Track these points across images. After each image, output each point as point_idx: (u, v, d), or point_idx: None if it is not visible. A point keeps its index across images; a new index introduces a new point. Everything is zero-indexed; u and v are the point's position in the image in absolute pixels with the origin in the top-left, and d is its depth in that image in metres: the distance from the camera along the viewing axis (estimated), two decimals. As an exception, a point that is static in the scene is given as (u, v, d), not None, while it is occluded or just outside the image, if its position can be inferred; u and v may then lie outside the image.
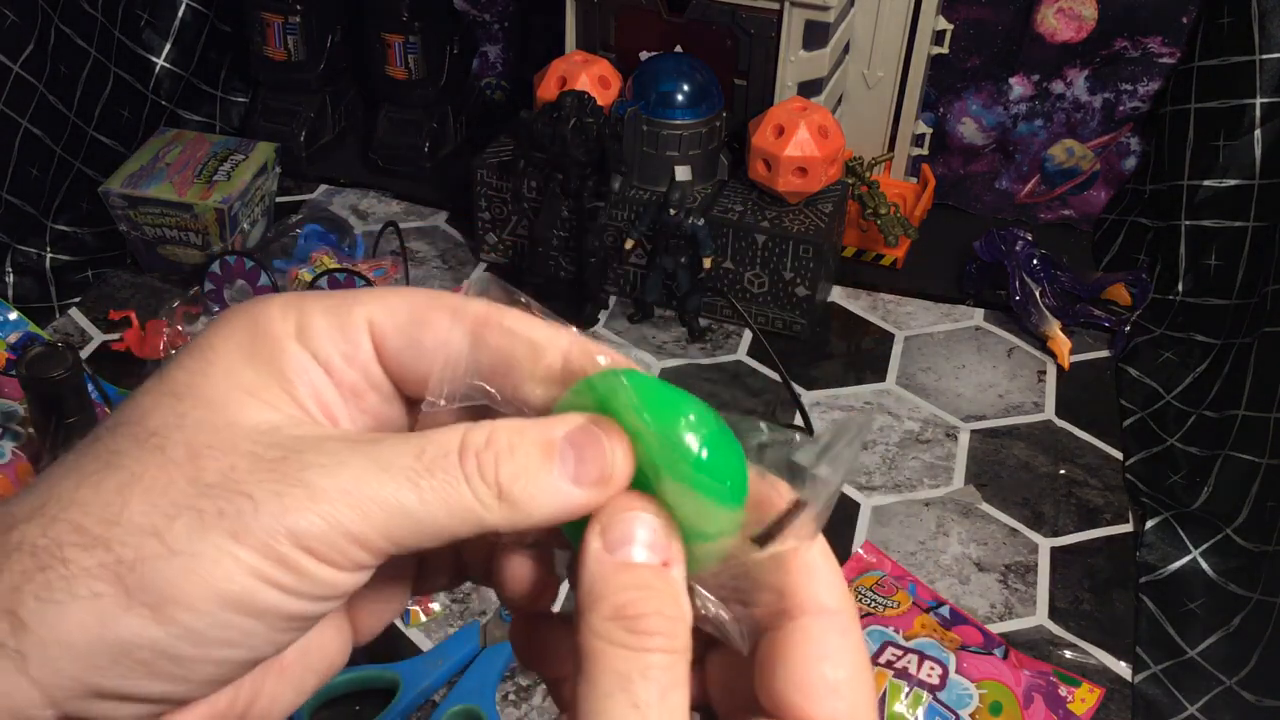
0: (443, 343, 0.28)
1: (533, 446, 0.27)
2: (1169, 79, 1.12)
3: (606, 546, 0.27)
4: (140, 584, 0.24)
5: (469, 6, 1.31)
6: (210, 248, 1.05)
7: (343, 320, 0.28)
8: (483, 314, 0.28)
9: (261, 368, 0.27)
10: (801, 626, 0.27)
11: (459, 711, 0.72)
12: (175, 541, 0.24)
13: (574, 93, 0.99)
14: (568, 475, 0.27)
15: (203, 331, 0.28)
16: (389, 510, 0.25)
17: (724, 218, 1.02)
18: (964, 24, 1.14)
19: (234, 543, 0.24)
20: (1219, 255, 1.02)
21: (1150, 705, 0.76)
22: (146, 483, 0.25)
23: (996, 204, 1.24)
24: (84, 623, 0.24)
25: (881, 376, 1.02)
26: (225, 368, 0.27)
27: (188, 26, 1.23)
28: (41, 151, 1.03)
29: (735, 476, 0.27)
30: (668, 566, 0.27)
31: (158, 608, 0.24)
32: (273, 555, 0.25)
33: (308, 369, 0.28)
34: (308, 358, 0.28)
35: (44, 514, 0.25)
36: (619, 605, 0.26)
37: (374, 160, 1.25)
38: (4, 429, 0.82)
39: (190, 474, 0.25)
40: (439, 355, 0.28)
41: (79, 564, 0.24)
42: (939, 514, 0.89)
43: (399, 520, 0.26)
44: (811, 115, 0.99)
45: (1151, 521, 0.87)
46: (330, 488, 0.25)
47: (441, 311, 0.28)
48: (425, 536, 0.26)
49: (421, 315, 0.28)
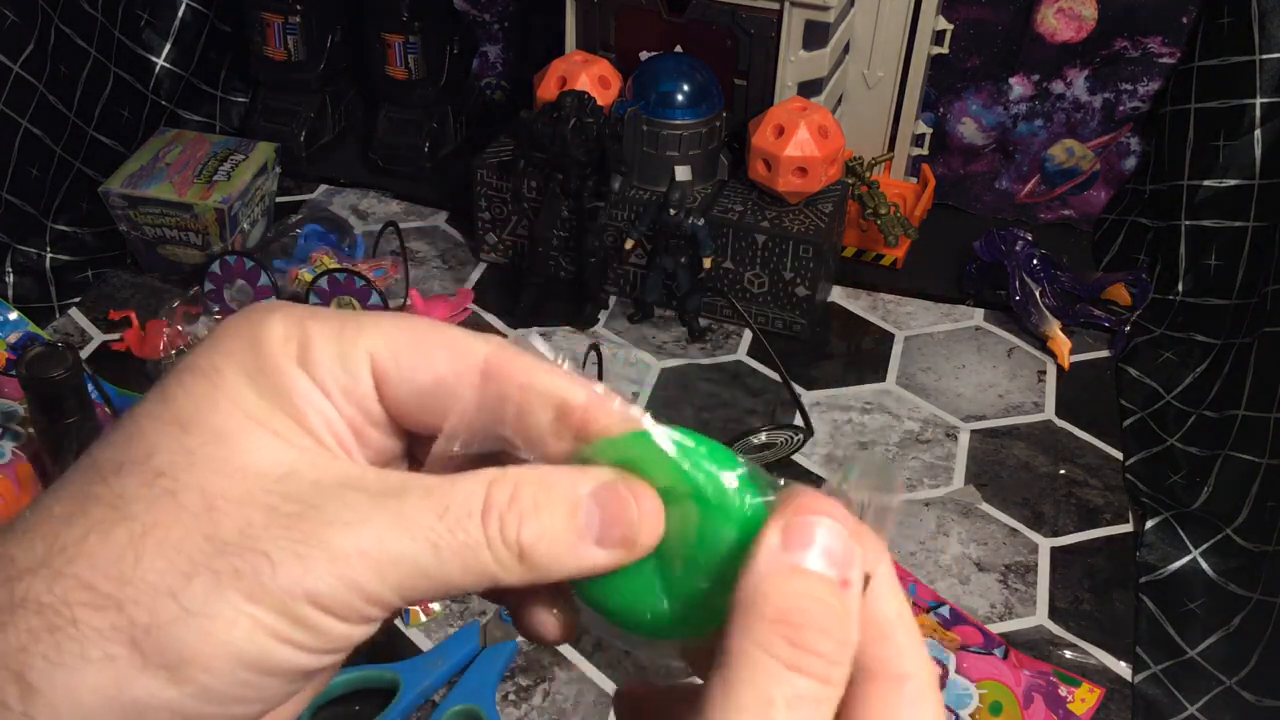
0: (444, 382, 0.27)
1: (559, 505, 0.26)
2: (1169, 79, 1.12)
3: (785, 545, 0.24)
4: (156, 647, 0.23)
5: (469, 6, 1.31)
6: (210, 248, 1.05)
7: (345, 350, 0.27)
8: (494, 359, 0.27)
9: (268, 394, 0.26)
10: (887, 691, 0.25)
11: (459, 711, 0.72)
12: (191, 603, 0.24)
13: (574, 93, 0.99)
14: (591, 536, 0.26)
15: (201, 348, 0.27)
16: (406, 571, 0.25)
17: (724, 218, 1.02)
18: (964, 24, 1.14)
19: (251, 604, 0.24)
20: (1219, 255, 1.02)
21: (1150, 705, 0.76)
22: (159, 536, 0.24)
23: (996, 204, 1.24)
24: (97, 686, 0.23)
25: (881, 376, 1.02)
26: (230, 394, 0.26)
27: (188, 26, 1.23)
28: (41, 151, 1.03)
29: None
30: (845, 587, 0.24)
31: (174, 669, 0.23)
32: (289, 615, 0.24)
33: (313, 397, 0.27)
34: (311, 385, 0.27)
35: (50, 567, 0.24)
36: (785, 610, 0.23)
37: (374, 160, 1.25)
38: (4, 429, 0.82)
39: (206, 529, 0.24)
40: (443, 396, 0.27)
41: (90, 624, 0.23)
42: (939, 514, 0.89)
43: (414, 580, 0.25)
44: (811, 115, 0.99)
45: (1151, 521, 0.87)
46: (350, 550, 0.24)
47: (444, 350, 0.27)
48: (437, 592, 0.26)
49: (425, 352, 0.27)
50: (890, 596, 0.25)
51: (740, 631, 0.23)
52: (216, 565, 0.24)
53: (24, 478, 0.81)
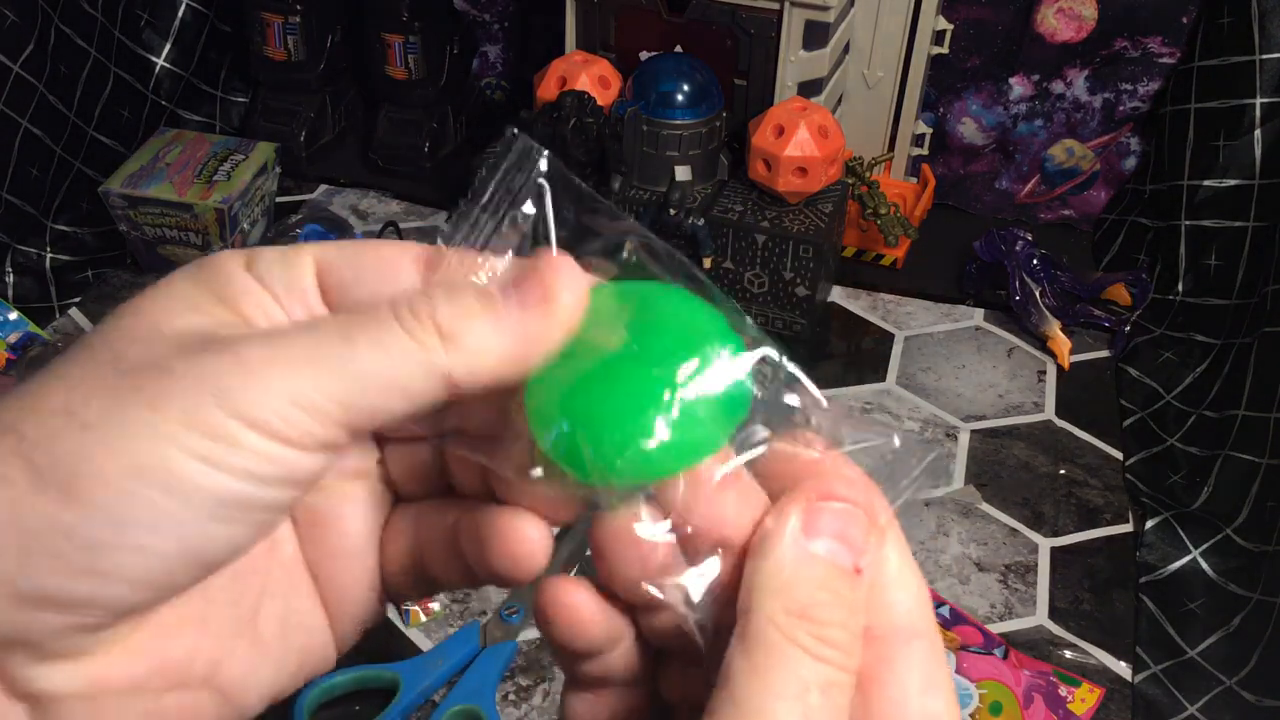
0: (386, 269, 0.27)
1: (467, 291, 0.26)
2: (1169, 79, 1.12)
3: (805, 530, 0.25)
4: (50, 462, 0.22)
5: (469, 6, 1.31)
6: (210, 248, 1.05)
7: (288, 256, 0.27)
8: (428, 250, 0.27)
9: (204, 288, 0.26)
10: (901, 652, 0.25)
11: (459, 711, 0.72)
12: (88, 417, 0.23)
13: (574, 93, 0.99)
14: (510, 303, 0.25)
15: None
16: (327, 368, 0.24)
17: (724, 218, 1.02)
18: (964, 24, 1.14)
19: (151, 412, 0.23)
20: (1219, 255, 1.02)
21: (1150, 705, 0.76)
22: (66, 377, 0.24)
23: (996, 204, 1.24)
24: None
25: (881, 376, 1.02)
26: (169, 290, 0.26)
27: (188, 26, 1.23)
28: (41, 151, 1.03)
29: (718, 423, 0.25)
30: (859, 574, 0.25)
31: (68, 487, 0.22)
32: (199, 425, 0.23)
33: (253, 291, 0.26)
34: (253, 282, 0.26)
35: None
36: (806, 605, 0.24)
37: (374, 160, 1.25)
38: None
39: (109, 360, 0.24)
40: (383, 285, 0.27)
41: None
42: (939, 514, 0.89)
43: (341, 379, 0.24)
44: (811, 115, 0.99)
45: (1151, 521, 0.87)
46: (260, 354, 0.23)
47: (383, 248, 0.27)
48: (378, 396, 0.24)
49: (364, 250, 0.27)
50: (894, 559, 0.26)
51: (764, 616, 0.24)
52: (117, 384, 0.23)
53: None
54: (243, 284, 0.26)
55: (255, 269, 0.26)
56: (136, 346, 0.24)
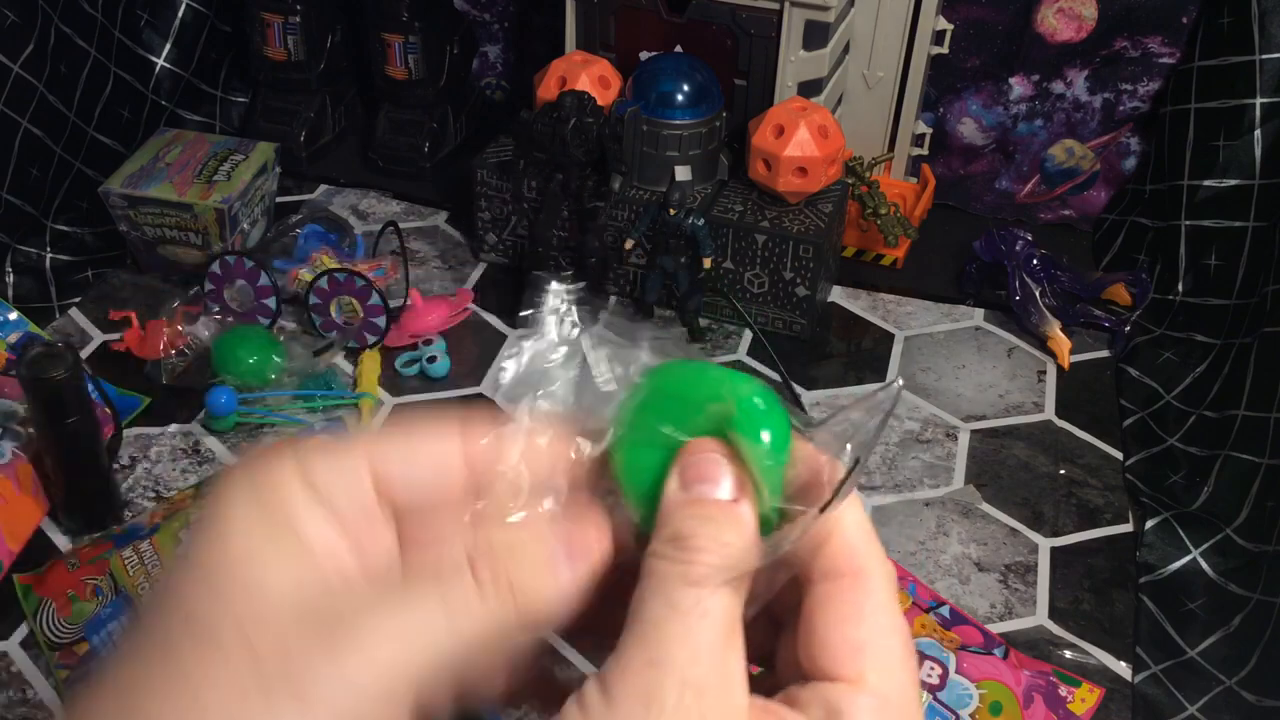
0: (439, 471, 0.30)
1: (529, 540, 0.29)
2: (1169, 79, 1.12)
3: (681, 484, 0.29)
4: None
5: (469, 6, 1.31)
6: (210, 248, 1.05)
7: (342, 462, 0.30)
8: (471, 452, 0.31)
9: (266, 514, 0.29)
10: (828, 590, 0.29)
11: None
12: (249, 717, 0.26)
13: (574, 93, 0.99)
14: (562, 555, 0.29)
15: (209, 500, 0.30)
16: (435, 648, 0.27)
17: (724, 218, 1.02)
18: (964, 24, 1.14)
19: (300, 705, 0.26)
20: (1219, 255, 1.02)
21: (1150, 705, 0.76)
22: (208, 674, 0.27)
23: (996, 204, 1.24)
24: None
25: (881, 376, 1.02)
26: (240, 527, 0.28)
27: (188, 26, 1.23)
28: (41, 151, 1.03)
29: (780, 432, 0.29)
30: (737, 503, 0.29)
31: None
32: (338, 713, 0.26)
33: (317, 515, 0.29)
34: (314, 502, 0.29)
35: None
36: (677, 530, 0.28)
37: (374, 160, 1.25)
38: (4, 429, 0.82)
39: (246, 654, 0.27)
40: (437, 482, 0.30)
41: None
42: (939, 514, 0.89)
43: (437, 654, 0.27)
44: (811, 115, 1.00)
45: (1151, 521, 0.87)
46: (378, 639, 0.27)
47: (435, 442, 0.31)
48: (463, 665, 0.28)
49: (415, 445, 0.31)
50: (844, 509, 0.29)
51: (648, 554, 0.28)
52: (264, 681, 0.26)
53: (24, 478, 0.81)
54: (305, 507, 0.29)
55: (313, 481, 0.29)
56: (260, 630, 0.27)
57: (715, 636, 0.27)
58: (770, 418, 0.29)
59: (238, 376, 0.93)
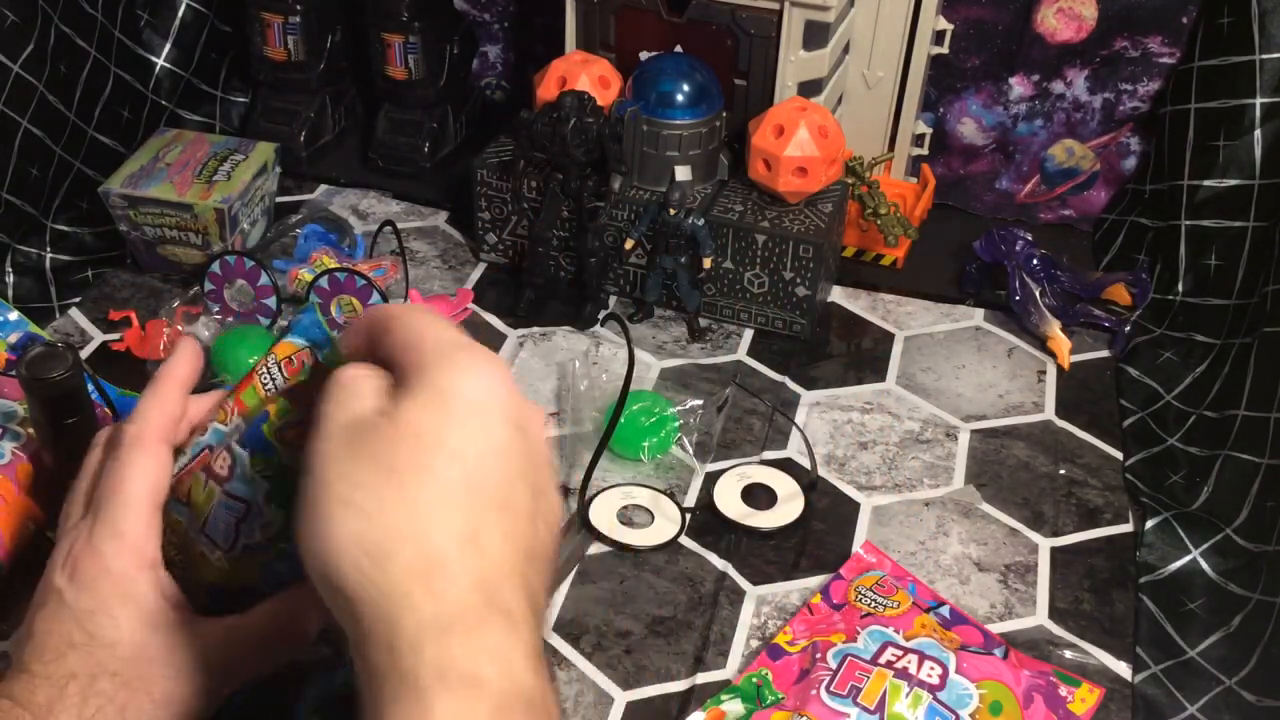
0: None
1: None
2: (1169, 79, 1.12)
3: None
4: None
5: (469, 6, 1.31)
6: (210, 248, 1.05)
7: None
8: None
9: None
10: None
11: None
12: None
13: (574, 93, 0.99)
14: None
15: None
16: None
17: (724, 218, 1.02)
18: (964, 24, 1.14)
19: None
20: (1219, 255, 1.02)
21: (1150, 705, 0.76)
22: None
23: (996, 204, 1.24)
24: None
25: (881, 376, 1.02)
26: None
27: (188, 26, 1.23)
28: (41, 151, 1.03)
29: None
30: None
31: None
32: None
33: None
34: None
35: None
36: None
37: (374, 160, 1.25)
38: (4, 429, 0.82)
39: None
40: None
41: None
42: (939, 514, 0.89)
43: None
44: (811, 115, 1.00)
45: (1151, 521, 0.87)
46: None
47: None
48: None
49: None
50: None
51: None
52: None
53: (24, 478, 0.81)
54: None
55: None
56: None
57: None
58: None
59: (238, 376, 0.93)
